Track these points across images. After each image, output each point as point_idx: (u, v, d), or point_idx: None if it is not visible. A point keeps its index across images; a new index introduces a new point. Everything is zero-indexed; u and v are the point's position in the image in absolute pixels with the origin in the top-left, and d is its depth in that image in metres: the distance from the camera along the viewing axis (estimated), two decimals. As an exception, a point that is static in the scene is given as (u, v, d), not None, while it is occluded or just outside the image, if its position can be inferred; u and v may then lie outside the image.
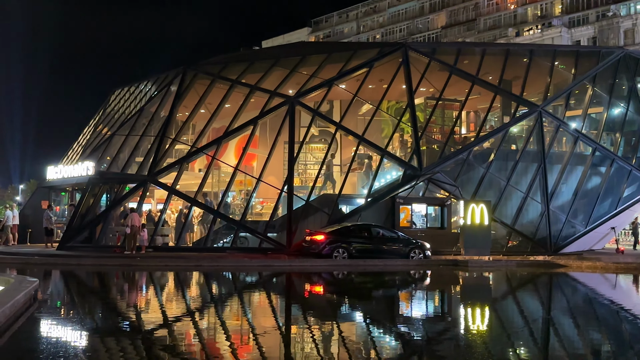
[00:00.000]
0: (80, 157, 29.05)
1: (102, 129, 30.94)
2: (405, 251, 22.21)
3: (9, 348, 7.88)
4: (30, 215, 29.69)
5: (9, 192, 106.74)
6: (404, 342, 9.18)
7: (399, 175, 25.28)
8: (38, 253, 22.81)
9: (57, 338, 8.96)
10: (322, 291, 16.67)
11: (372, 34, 79.57)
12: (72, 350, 8.03)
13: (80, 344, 8.55)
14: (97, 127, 31.83)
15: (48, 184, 30.37)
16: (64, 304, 13.01)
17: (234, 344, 8.88)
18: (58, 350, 7.94)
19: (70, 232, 24.75)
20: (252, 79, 26.62)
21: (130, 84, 32.92)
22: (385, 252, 22.19)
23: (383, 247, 22.35)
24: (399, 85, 26.66)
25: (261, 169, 25.18)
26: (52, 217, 26.67)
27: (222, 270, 20.22)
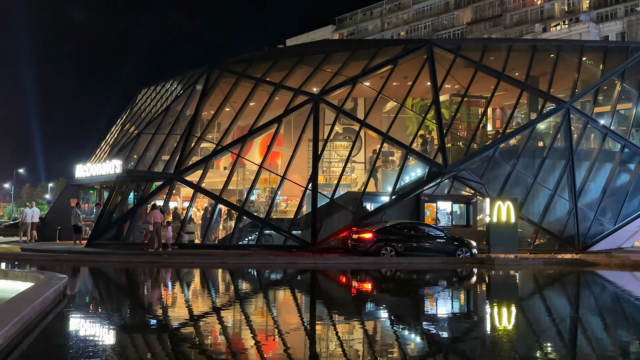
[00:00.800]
0: (108, 155, 29.47)
1: (129, 127, 31.35)
2: (452, 249, 22.19)
3: (39, 343, 8.04)
4: (59, 213, 30.23)
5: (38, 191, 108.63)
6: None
7: (424, 172, 25.15)
8: (67, 250, 23.23)
9: (86, 334, 9.11)
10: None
11: (396, 31, 79.16)
12: (100, 346, 8.16)
13: (109, 340, 8.68)
14: (124, 126, 32.26)
15: (77, 182, 30.86)
16: (93, 301, 13.23)
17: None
18: (87, 346, 8.08)
19: (98, 230, 25.16)
20: (277, 77, 26.71)
21: (156, 83, 33.29)
22: (432, 250, 22.20)
23: (430, 245, 22.39)
24: (424, 82, 26.50)
25: (285, 167, 25.27)
26: (81, 215, 27.14)
27: (247, 268, 20.33)
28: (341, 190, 25.54)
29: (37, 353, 7.58)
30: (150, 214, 23.23)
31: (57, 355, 7.48)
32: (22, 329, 8.07)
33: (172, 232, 23.83)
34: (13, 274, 14.17)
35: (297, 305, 13.09)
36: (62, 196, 32.90)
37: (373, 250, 21.74)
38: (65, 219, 28.24)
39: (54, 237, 28.28)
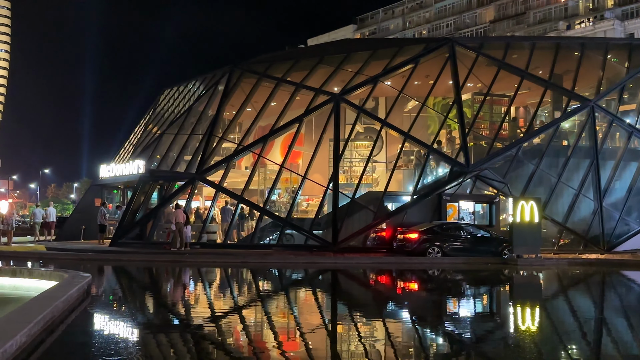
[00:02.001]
0: (132, 155, 29.77)
1: (152, 128, 31.64)
2: (498, 250, 22.05)
3: (63, 341, 8.13)
4: (83, 212, 30.65)
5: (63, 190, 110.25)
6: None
7: (446, 172, 24.97)
8: (91, 249, 23.52)
9: (109, 332, 9.20)
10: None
11: (418, 30, 78.75)
12: (123, 345, 8.24)
13: (131, 339, 8.76)
14: (147, 127, 32.56)
15: (101, 182, 31.23)
16: (116, 299, 13.37)
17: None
18: (109, 344, 8.16)
19: (122, 229, 25.44)
20: (298, 77, 26.73)
21: (179, 84, 33.56)
22: (478, 251, 22.10)
23: (476, 245, 22.31)
24: (446, 81, 26.31)
25: (306, 167, 25.27)
26: (107, 214, 27.52)
27: (269, 267, 20.37)
28: (362, 190, 25.48)
29: (59, 351, 7.67)
30: (174, 214, 23.42)
31: (79, 353, 7.56)
32: (46, 328, 8.18)
33: (190, 232, 23.99)
34: (38, 272, 14.38)
35: (318, 304, 13.08)
36: (86, 196, 33.33)
37: (419, 250, 21.71)
38: (90, 218, 28.64)
39: (79, 237, 28.67)
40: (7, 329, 7.06)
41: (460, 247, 22.15)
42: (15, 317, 7.92)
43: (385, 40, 51.98)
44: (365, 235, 24.27)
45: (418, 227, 22.79)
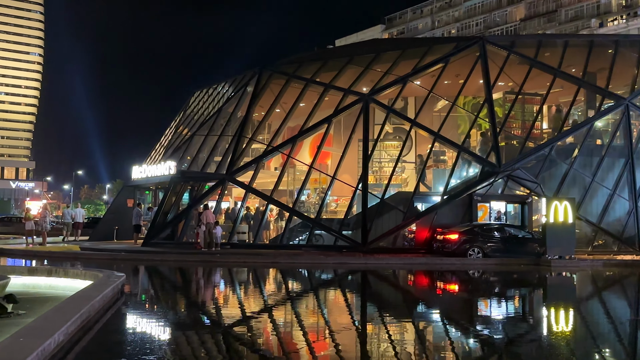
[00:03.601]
0: (163, 157, 30.14)
1: (182, 129, 31.98)
2: (540, 250, 21.78)
3: (99, 339, 8.28)
4: (116, 213, 31.14)
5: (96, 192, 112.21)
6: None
7: (477, 172, 24.71)
8: (124, 249, 23.88)
9: (143, 331, 9.33)
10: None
11: (447, 29, 78.16)
12: (156, 344, 8.35)
13: (165, 338, 8.87)
14: (178, 128, 32.93)
15: (133, 183, 31.68)
16: (149, 298, 13.55)
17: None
18: (144, 343, 8.28)
19: (154, 229, 25.78)
20: (326, 78, 26.74)
21: (208, 86, 33.86)
22: (519, 252, 21.84)
23: (517, 246, 22.07)
24: (476, 80, 26.04)
25: (335, 167, 25.26)
26: (141, 215, 27.96)
27: (298, 268, 20.43)
28: (391, 190, 25.37)
29: (96, 349, 7.81)
30: (203, 214, 23.65)
31: (115, 351, 7.68)
32: (82, 326, 8.33)
33: (221, 232, 24.17)
34: (73, 272, 14.64)
35: (348, 305, 13.05)
36: (119, 197, 33.84)
37: (459, 251, 21.57)
38: (123, 218, 29.10)
39: (112, 237, 29.13)
40: (46, 328, 7.21)
41: (502, 248, 21.85)
42: (53, 316, 8.09)
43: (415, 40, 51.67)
44: (395, 236, 24.17)
45: (458, 227, 22.61)
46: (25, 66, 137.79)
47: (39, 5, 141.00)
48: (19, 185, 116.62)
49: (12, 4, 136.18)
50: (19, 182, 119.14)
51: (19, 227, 36.23)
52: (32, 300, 11.39)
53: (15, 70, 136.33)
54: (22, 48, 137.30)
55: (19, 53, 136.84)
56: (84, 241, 27.97)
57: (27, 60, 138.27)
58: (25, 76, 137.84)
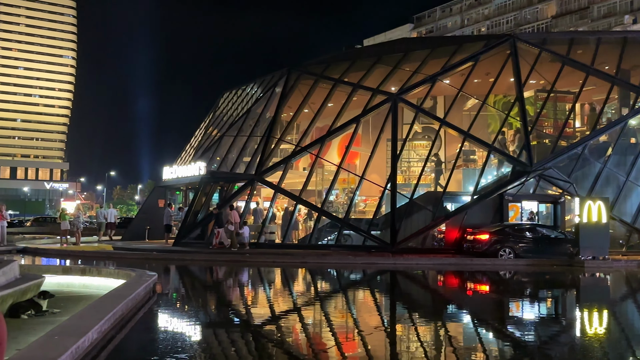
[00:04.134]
0: (193, 157, 30.47)
1: (212, 130, 32.28)
2: (573, 251, 21.45)
3: (132, 338, 8.40)
4: (148, 213, 31.57)
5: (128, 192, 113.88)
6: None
7: (508, 171, 24.41)
8: (156, 249, 24.19)
9: (175, 330, 9.44)
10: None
11: (477, 27, 77.36)
12: (188, 342, 8.45)
13: (196, 336, 8.96)
14: (207, 129, 33.25)
15: (164, 183, 32.09)
16: (180, 297, 13.70)
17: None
18: (176, 341, 8.38)
19: (184, 229, 26.08)
20: (355, 78, 26.70)
21: (237, 87, 34.11)
22: (552, 252, 21.52)
23: (549, 247, 21.79)
24: (507, 78, 25.72)
25: (364, 167, 25.21)
26: (172, 215, 28.34)
27: (327, 267, 20.44)
28: (420, 190, 25.22)
29: (129, 347, 7.93)
30: (229, 214, 23.87)
31: (148, 349, 7.79)
32: (115, 325, 8.46)
33: (249, 232, 24.31)
34: (106, 271, 14.89)
35: (377, 306, 13.02)
36: (150, 197, 34.31)
37: (490, 251, 21.36)
38: (154, 218, 29.50)
39: (144, 237, 29.54)
40: (80, 326, 7.35)
41: (533, 249, 21.51)
42: (87, 315, 8.24)
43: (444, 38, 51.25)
44: (424, 236, 24.01)
45: (489, 227, 22.37)
46: (59, 69, 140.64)
47: (71, 9, 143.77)
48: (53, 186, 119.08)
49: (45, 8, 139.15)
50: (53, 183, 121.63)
51: (53, 227, 37.06)
52: (66, 299, 11.61)
53: (49, 73, 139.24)
54: (56, 51, 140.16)
55: (52, 56, 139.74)
56: (117, 241, 28.43)
57: (61, 64, 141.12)
58: (59, 79, 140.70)
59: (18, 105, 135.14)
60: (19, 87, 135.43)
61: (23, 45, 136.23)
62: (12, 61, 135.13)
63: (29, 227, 45.85)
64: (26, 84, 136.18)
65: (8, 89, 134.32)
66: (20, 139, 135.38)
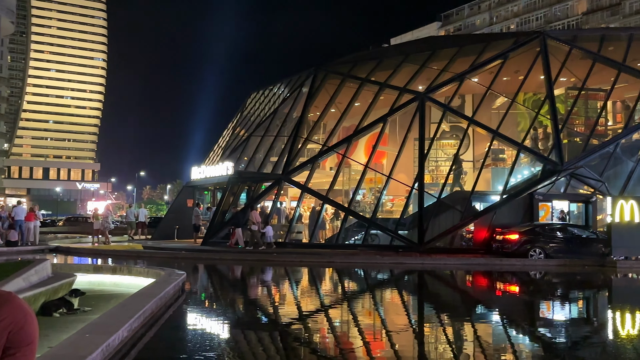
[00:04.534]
0: (221, 157, 30.69)
1: (239, 130, 32.48)
2: (605, 251, 21.04)
3: (161, 336, 8.49)
4: (177, 212, 31.89)
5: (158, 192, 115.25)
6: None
7: (538, 170, 24.05)
8: (185, 248, 24.44)
9: (203, 328, 9.52)
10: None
11: (506, 25, 76.40)
12: (216, 341, 8.51)
13: (224, 335, 9.02)
14: (235, 129, 33.46)
15: (192, 183, 32.39)
16: (208, 296, 13.81)
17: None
18: (204, 339, 8.45)
19: (212, 229, 26.29)
20: (382, 77, 26.59)
21: (264, 87, 34.25)
22: (583, 253, 21.16)
23: (581, 247, 21.42)
24: (537, 76, 25.35)
25: (391, 167, 25.07)
26: (200, 215, 28.59)
27: (354, 267, 20.40)
28: (448, 190, 25.00)
29: (158, 346, 8.02)
30: (250, 214, 24.01)
31: (177, 348, 7.87)
32: (145, 323, 8.56)
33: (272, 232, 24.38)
34: (136, 270, 15.10)
35: (405, 306, 12.94)
36: (179, 197, 34.65)
37: (520, 251, 21.10)
38: (183, 218, 29.78)
39: (173, 236, 29.84)
40: (110, 324, 7.45)
41: (565, 249, 21.14)
42: (118, 313, 8.35)
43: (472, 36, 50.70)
44: (452, 236, 23.80)
45: (519, 227, 22.07)
46: (90, 71, 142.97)
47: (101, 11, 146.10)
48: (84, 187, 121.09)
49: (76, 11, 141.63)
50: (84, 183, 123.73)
51: (85, 227, 37.69)
52: (97, 297, 11.79)
53: (80, 75, 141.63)
54: (86, 54, 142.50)
55: (83, 59, 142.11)
56: (147, 240, 28.78)
57: (92, 65, 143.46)
58: (90, 81, 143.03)
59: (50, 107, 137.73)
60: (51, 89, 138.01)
61: (55, 48, 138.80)
62: (44, 64, 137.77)
63: (61, 227, 46.75)
64: (58, 86, 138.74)
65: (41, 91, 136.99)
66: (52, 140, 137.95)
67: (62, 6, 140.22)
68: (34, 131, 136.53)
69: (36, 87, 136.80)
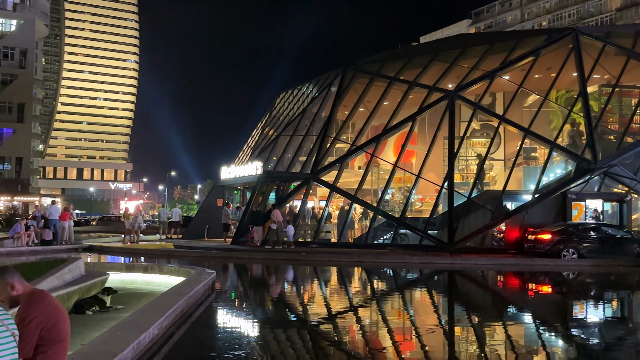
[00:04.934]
0: (250, 157, 30.87)
1: (268, 130, 32.62)
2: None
3: (191, 334, 8.57)
4: (207, 212, 32.19)
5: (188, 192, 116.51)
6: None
7: (571, 169, 23.63)
8: (215, 247, 24.65)
9: (232, 326, 9.58)
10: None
11: (537, 21, 75.16)
12: (245, 339, 8.55)
13: (253, 334, 9.07)
14: (264, 129, 33.61)
15: (222, 183, 32.64)
16: (238, 295, 13.90)
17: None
18: (233, 338, 8.50)
19: (242, 228, 26.45)
20: (411, 75, 26.42)
21: (293, 87, 34.34)
22: (618, 253, 20.78)
23: (615, 247, 21.03)
24: (569, 73, 24.91)
25: (420, 166, 24.91)
26: (230, 214, 28.82)
27: (383, 267, 20.32)
28: (479, 189, 24.71)
29: (188, 344, 8.10)
30: (272, 213, 24.11)
31: (207, 346, 7.94)
32: (176, 321, 8.66)
33: (293, 231, 24.43)
34: (167, 268, 15.28)
35: (435, 306, 12.84)
36: (209, 197, 34.94)
37: (552, 251, 20.79)
38: (213, 217, 30.04)
39: (203, 235, 30.12)
40: (141, 322, 7.56)
41: (598, 249, 20.73)
42: (149, 311, 8.46)
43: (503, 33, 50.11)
44: (483, 236, 23.53)
45: (551, 227, 21.72)
46: (122, 73, 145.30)
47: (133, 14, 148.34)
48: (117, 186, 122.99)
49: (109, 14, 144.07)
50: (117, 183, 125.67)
51: (118, 226, 38.26)
52: (129, 295, 11.97)
53: (113, 77, 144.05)
54: (119, 56, 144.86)
55: (116, 61, 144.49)
56: (178, 239, 29.11)
57: (124, 67, 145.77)
58: (123, 82, 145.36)
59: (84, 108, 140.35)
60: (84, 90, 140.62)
61: (88, 50, 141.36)
62: (78, 66, 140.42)
63: (94, 226, 47.52)
64: (91, 88, 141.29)
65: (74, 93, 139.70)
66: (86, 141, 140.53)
67: (94, 9, 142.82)
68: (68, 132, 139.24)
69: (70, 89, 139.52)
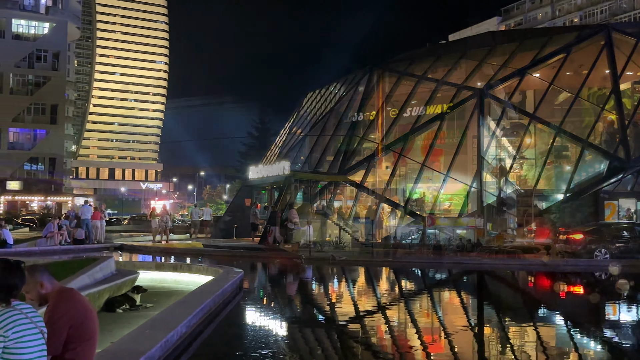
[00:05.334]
0: (277, 157, 30.98)
1: (296, 130, 32.71)
2: None
3: (219, 332, 8.64)
4: (235, 212, 32.40)
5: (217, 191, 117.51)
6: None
7: (603, 167, 23.18)
8: (243, 246, 24.78)
9: (260, 325, 9.62)
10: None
11: (568, 18, 73.90)
12: (272, 338, 8.58)
13: (281, 333, 9.09)
14: (291, 129, 33.71)
15: (250, 183, 32.81)
16: (265, 294, 13.96)
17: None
18: (260, 337, 8.54)
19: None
20: (439, 74, 26.22)
21: (321, 86, 34.36)
22: None
23: None
24: (602, 70, 24.45)
25: (449, 165, 24.69)
26: (258, 214, 28.96)
27: (411, 267, 20.19)
28: (509, 188, 24.40)
29: (216, 342, 8.16)
30: (289, 213, 24.15)
31: (234, 344, 7.98)
32: (204, 319, 8.73)
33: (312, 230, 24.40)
34: (196, 267, 15.41)
35: (464, 306, 12.72)
36: (237, 196, 35.16)
37: (584, 251, 20.35)
38: (241, 217, 30.21)
39: (231, 235, 30.32)
40: (170, 320, 7.64)
41: (632, 249, 20.23)
42: (177, 310, 8.54)
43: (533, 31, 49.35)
44: (512, 236, 23.19)
45: (583, 226, 21.33)
46: (152, 74, 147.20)
47: (163, 15, 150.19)
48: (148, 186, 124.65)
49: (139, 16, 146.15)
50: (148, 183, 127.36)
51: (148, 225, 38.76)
52: (158, 293, 12.10)
53: (143, 79, 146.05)
54: (149, 57, 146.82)
55: (146, 62, 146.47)
56: (207, 238, 29.36)
57: (154, 69, 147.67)
58: (153, 84, 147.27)
59: (115, 109, 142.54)
60: (115, 92, 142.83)
61: (119, 52, 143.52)
62: (109, 67, 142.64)
63: (126, 225, 48.22)
64: (122, 89, 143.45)
65: (106, 94, 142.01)
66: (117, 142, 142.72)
67: (125, 11, 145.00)
68: (100, 133, 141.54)
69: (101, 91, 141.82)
